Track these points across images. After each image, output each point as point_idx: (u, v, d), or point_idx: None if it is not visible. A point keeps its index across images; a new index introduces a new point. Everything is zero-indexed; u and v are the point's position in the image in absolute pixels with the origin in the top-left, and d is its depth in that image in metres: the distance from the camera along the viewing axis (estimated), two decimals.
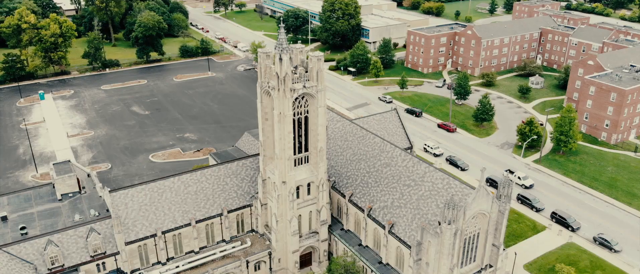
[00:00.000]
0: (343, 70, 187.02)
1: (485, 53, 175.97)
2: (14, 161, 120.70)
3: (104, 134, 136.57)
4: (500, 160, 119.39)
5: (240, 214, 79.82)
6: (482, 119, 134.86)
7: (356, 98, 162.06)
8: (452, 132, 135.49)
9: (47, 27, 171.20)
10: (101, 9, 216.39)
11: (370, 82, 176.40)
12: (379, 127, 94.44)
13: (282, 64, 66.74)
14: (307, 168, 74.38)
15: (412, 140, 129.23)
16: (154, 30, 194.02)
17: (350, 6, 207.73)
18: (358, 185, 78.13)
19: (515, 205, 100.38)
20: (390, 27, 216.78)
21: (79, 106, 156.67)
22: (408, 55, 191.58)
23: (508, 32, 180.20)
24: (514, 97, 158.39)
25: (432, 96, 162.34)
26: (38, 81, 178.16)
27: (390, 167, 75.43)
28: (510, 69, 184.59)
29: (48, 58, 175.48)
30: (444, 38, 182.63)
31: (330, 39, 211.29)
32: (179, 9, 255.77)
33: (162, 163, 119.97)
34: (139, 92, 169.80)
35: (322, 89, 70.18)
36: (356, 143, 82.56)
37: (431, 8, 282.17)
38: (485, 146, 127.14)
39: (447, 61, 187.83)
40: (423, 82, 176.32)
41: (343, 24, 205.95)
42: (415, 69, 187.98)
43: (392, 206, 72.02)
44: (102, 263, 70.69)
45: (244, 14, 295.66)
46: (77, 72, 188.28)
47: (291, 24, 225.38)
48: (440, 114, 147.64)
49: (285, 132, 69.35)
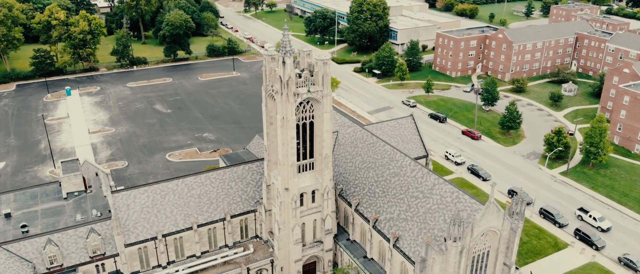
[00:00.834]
0: (368, 72, 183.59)
1: (517, 58, 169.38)
2: (34, 156, 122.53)
3: (124, 132, 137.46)
4: (525, 171, 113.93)
5: (244, 219, 77.91)
6: (509, 127, 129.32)
7: (379, 101, 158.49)
8: (477, 140, 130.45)
9: (76, 24, 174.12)
10: (132, 6, 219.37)
11: (395, 85, 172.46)
12: (394, 133, 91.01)
13: (286, 68, 64.37)
14: (311, 175, 71.82)
15: (434, 147, 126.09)
16: (181, 29, 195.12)
17: (379, 7, 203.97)
18: (365, 194, 75.09)
19: (537, 219, 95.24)
20: (420, 29, 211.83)
21: (103, 103, 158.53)
22: (436, 58, 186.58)
23: (542, 36, 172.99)
24: (544, 105, 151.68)
25: (459, 101, 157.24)
26: (66, 77, 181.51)
27: (399, 177, 72.09)
28: (542, 75, 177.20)
29: (77, 54, 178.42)
30: (474, 41, 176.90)
31: (356, 40, 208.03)
32: (210, 8, 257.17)
33: (178, 163, 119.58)
34: (164, 90, 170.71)
35: (328, 94, 67.49)
36: (366, 150, 79.50)
37: (465, 10, 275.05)
38: (510, 156, 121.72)
39: (476, 65, 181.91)
40: (450, 86, 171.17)
41: (370, 25, 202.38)
42: (443, 73, 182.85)
43: (398, 218, 68.72)
44: (101, 264, 69.98)
45: (274, 14, 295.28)
46: (105, 69, 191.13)
47: (318, 25, 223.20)
48: (465, 120, 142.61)
49: (288, 138, 66.98)
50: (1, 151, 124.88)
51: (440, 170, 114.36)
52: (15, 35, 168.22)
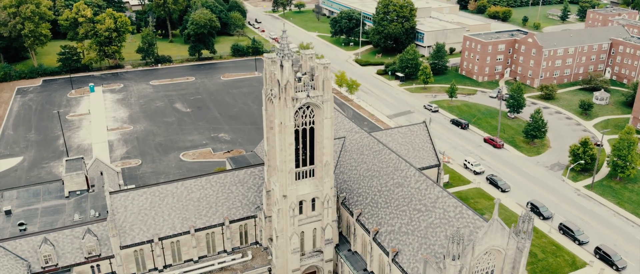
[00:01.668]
0: (390, 75, 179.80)
1: (547, 63, 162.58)
2: (52, 152, 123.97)
3: (142, 130, 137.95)
4: (547, 183, 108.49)
5: (244, 225, 76.10)
6: (533, 136, 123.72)
7: (400, 105, 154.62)
8: (499, 149, 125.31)
9: (102, 22, 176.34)
10: (159, 5, 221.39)
11: (418, 88, 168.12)
12: (404, 140, 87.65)
13: (284, 71, 62.12)
14: (311, 182, 69.37)
15: (453, 154, 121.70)
16: (206, 28, 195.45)
17: (405, 8, 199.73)
18: (368, 204, 72.13)
19: (555, 235, 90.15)
20: (448, 31, 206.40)
21: (124, 100, 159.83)
22: (463, 62, 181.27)
23: (574, 41, 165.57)
24: (574, 113, 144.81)
25: (484, 107, 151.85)
26: (92, 73, 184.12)
27: (403, 187, 68.86)
28: (573, 81, 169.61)
29: (102, 52, 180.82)
30: (503, 45, 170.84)
31: (381, 42, 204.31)
32: (237, 8, 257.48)
33: (191, 163, 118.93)
34: (185, 89, 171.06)
35: (329, 100, 64.91)
36: (371, 158, 76.49)
37: (497, 12, 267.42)
38: (532, 166, 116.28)
39: (505, 70, 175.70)
40: (476, 91, 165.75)
41: (396, 27, 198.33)
42: (470, 77, 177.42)
43: (399, 231, 65.53)
44: (96, 265, 69.31)
45: (302, 15, 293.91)
46: (130, 67, 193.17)
47: (344, 26, 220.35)
48: (489, 127, 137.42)
49: (286, 144, 64.71)
50: (20, 146, 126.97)
51: (457, 179, 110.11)
52: (42, 32, 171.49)
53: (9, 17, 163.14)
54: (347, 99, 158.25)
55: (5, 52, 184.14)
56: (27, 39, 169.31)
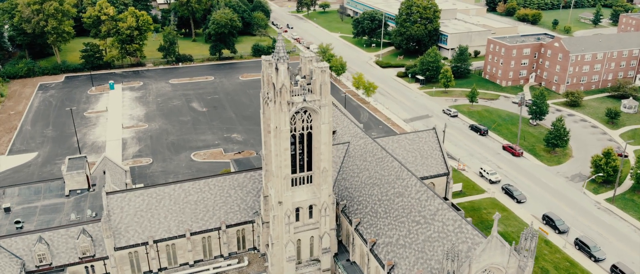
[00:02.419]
0: (410, 77, 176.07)
1: (573, 69, 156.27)
2: (67, 148, 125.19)
3: (156, 128, 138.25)
4: (565, 194, 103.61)
5: (242, 230, 74.55)
6: (554, 144, 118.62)
7: (418, 109, 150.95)
8: (518, 157, 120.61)
9: (124, 20, 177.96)
10: (183, 4, 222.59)
11: (439, 92, 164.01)
12: (412, 147, 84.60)
13: (279, 74, 60.20)
14: (309, 189, 67.26)
15: (469, 161, 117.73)
16: (227, 28, 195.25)
17: (429, 10, 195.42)
18: (367, 213, 69.57)
19: (571, 251, 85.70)
20: (472, 34, 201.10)
21: (142, 98, 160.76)
22: (486, 66, 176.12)
23: (603, 47, 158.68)
24: (600, 122, 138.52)
25: (505, 112, 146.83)
26: (114, 71, 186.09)
27: (403, 197, 66.04)
28: (601, 88, 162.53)
29: (124, 50, 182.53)
30: (528, 49, 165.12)
31: (404, 44, 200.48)
32: (261, 8, 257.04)
33: (201, 163, 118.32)
34: (204, 88, 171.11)
35: (326, 104, 62.65)
36: (374, 165, 73.87)
37: (526, 15, 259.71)
38: (552, 176, 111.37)
39: (529, 75, 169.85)
40: (499, 96, 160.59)
41: (419, 29, 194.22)
42: (493, 81, 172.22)
43: (396, 243, 62.79)
44: (90, 266, 68.81)
45: (326, 15, 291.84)
46: (151, 65, 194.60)
47: (366, 27, 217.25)
48: (509, 134, 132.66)
49: (281, 149, 62.78)
50: (37, 141, 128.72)
51: (471, 188, 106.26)
52: (65, 29, 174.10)
53: (32, 14, 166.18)
54: (364, 102, 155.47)
55: (31, 49, 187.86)
56: (50, 35, 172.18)
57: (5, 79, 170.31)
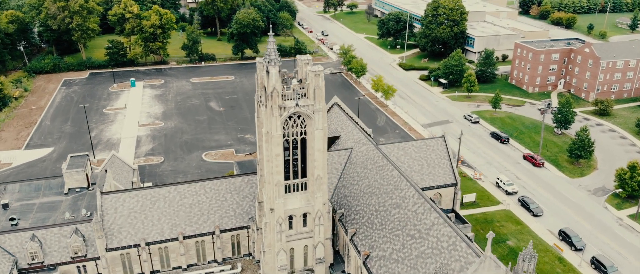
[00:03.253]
0: (433, 81, 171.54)
1: (604, 76, 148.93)
2: (82, 144, 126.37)
3: (172, 127, 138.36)
4: (586, 209, 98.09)
5: (236, 235, 72.85)
6: (578, 155, 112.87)
7: (439, 114, 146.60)
8: (538, 167, 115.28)
9: (148, 18, 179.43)
10: (208, 3, 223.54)
11: (462, 97, 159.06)
12: (418, 155, 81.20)
13: (270, 78, 58.11)
14: (303, 196, 64.95)
15: (486, 171, 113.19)
16: (249, 27, 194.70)
17: (456, 11, 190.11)
18: (363, 223, 66.79)
19: (586, 270, 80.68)
20: (500, 37, 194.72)
21: (162, 96, 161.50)
22: (513, 71, 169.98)
23: (636, 53, 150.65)
24: (630, 133, 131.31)
25: (530, 120, 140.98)
26: (137, 68, 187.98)
27: (400, 209, 62.98)
28: (634, 97, 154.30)
29: (147, 47, 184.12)
30: (556, 54, 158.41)
31: (428, 46, 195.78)
32: (287, 8, 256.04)
33: (211, 163, 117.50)
34: (223, 88, 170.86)
35: (320, 110, 60.23)
36: (374, 173, 70.98)
37: (560, 19, 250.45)
38: (573, 189, 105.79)
39: (558, 81, 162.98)
40: (524, 102, 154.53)
41: (445, 31, 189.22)
42: (519, 87, 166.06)
43: (389, 258, 59.81)
44: (82, 266, 68.31)
45: (353, 16, 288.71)
46: (174, 63, 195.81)
47: (391, 28, 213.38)
48: (531, 143, 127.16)
49: (272, 154, 60.68)
50: (54, 137, 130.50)
51: (486, 199, 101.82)
52: (90, 26, 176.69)
53: (58, 11, 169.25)
54: (382, 105, 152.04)
55: (58, 45, 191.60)
56: (75, 32, 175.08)
57: (31, 74, 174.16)
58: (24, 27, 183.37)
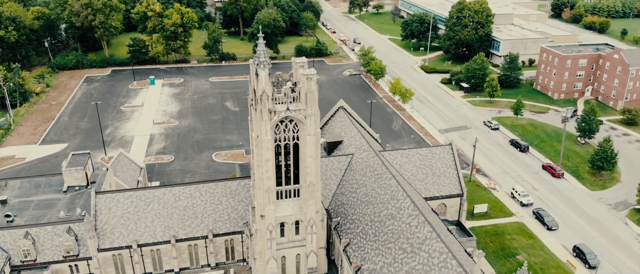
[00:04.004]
0: (454, 84, 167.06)
1: (634, 84, 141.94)
2: (97, 141, 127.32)
3: (186, 126, 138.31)
4: (604, 224, 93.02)
5: (230, 240, 71.38)
6: (600, 167, 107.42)
7: (458, 119, 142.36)
8: (558, 178, 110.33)
9: (169, 17, 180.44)
10: (232, 2, 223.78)
11: (483, 102, 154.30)
12: (423, 164, 78.14)
13: (259, 81, 56.35)
14: (295, 203, 62.96)
15: (502, 180, 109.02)
16: (270, 28, 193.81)
17: (481, 14, 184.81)
18: (358, 233, 64.32)
19: None
20: (527, 41, 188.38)
21: (180, 95, 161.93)
22: (538, 76, 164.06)
23: None
24: None
25: (552, 128, 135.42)
26: (158, 66, 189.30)
27: (394, 220, 60.29)
28: None
29: (169, 46, 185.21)
30: (584, 60, 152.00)
31: (452, 49, 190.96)
32: (311, 8, 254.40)
33: (220, 163, 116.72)
34: (241, 87, 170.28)
35: (313, 114, 58.17)
36: (372, 181, 68.41)
37: (593, 23, 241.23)
38: (592, 203, 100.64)
39: (585, 88, 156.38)
40: (548, 109, 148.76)
41: (469, 33, 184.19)
42: (544, 93, 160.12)
43: (380, 271, 57.21)
44: (75, 265, 67.97)
45: (379, 16, 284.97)
46: (195, 62, 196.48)
47: (415, 29, 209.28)
48: (552, 152, 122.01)
49: (262, 159, 58.92)
50: (70, 133, 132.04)
51: (498, 210, 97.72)
52: (112, 23, 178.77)
53: (81, 8, 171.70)
54: (400, 108, 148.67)
55: (83, 42, 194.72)
56: (98, 29, 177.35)
57: (54, 70, 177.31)
58: (51, 23, 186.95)
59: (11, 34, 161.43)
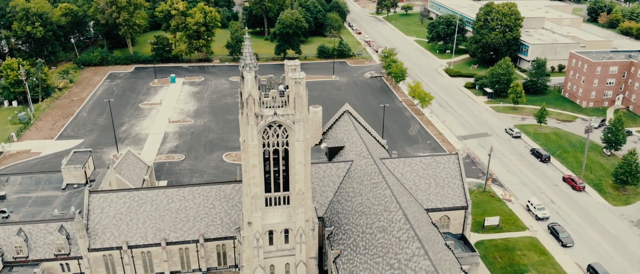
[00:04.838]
0: (478, 89, 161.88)
1: None
2: (111, 137, 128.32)
3: (200, 125, 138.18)
4: (624, 242, 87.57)
5: (222, 245, 69.84)
6: (623, 181, 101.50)
7: (479, 125, 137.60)
8: (578, 191, 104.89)
9: (192, 16, 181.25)
10: (257, 2, 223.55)
11: (507, 108, 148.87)
12: (426, 173, 74.83)
13: (245, 83, 54.59)
14: (284, 211, 60.95)
15: (518, 191, 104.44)
16: (291, 28, 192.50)
17: (509, 17, 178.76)
18: (349, 245, 61.78)
19: None
20: (558, 46, 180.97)
21: (199, 94, 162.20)
22: (567, 83, 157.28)
23: None
24: None
25: (578, 137, 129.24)
26: (181, 65, 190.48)
27: (385, 233, 57.55)
28: None
29: (191, 44, 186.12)
30: (615, 67, 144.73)
31: (479, 52, 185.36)
32: (337, 9, 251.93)
33: (229, 164, 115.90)
34: None
35: (301, 120, 56.03)
36: (368, 190, 65.73)
37: (630, 29, 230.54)
38: (613, 219, 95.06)
39: (616, 97, 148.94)
40: (575, 118, 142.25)
41: (497, 37, 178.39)
42: (572, 101, 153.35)
43: None
44: (66, 263, 67.77)
45: (406, 18, 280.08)
46: (218, 61, 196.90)
47: (441, 32, 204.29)
48: (575, 163, 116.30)
49: (249, 165, 57.12)
50: (87, 128, 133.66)
51: (511, 223, 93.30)
52: (136, 21, 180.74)
53: (106, 6, 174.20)
54: (418, 113, 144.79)
55: (109, 39, 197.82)
56: (122, 27, 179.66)
57: (80, 66, 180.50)
58: (78, 20, 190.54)
59: (38, 29, 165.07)
